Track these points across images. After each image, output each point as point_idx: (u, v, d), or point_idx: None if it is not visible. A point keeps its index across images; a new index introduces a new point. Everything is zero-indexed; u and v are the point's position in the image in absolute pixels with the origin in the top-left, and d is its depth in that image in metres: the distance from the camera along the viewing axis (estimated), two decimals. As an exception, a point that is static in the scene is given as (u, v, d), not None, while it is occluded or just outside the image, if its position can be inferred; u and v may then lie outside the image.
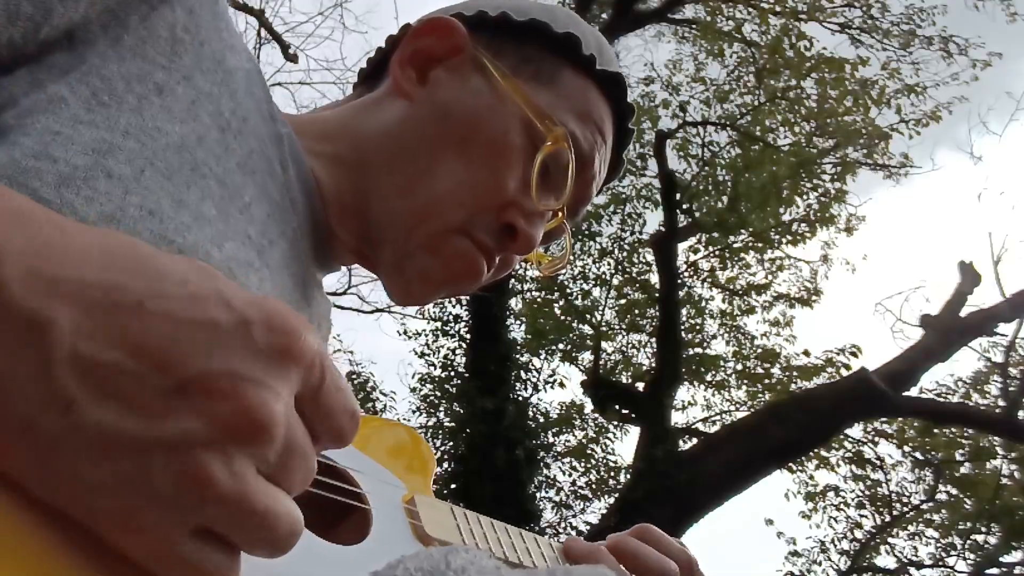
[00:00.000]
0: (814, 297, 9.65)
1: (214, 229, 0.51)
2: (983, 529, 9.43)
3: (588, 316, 9.63)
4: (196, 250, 0.49)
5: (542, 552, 0.75)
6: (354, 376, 9.56)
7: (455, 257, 0.68)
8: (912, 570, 9.79)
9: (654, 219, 9.64)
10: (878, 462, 9.63)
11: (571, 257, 0.85)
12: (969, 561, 9.59)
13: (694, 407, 9.95)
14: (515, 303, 9.54)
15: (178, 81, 0.53)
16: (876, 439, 9.53)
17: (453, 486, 7.70)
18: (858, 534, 9.90)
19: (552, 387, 9.11)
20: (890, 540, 9.99)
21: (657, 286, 8.63)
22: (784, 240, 9.33)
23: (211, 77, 0.56)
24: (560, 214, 0.73)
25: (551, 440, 9.25)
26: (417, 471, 0.70)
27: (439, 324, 9.46)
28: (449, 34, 0.72)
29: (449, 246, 0.68)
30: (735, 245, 9.55)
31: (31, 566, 0.29)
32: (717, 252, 9.68)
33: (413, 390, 9.49)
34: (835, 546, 9.89)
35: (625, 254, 9.66)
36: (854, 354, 8.65)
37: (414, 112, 0.70)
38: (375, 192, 0.69)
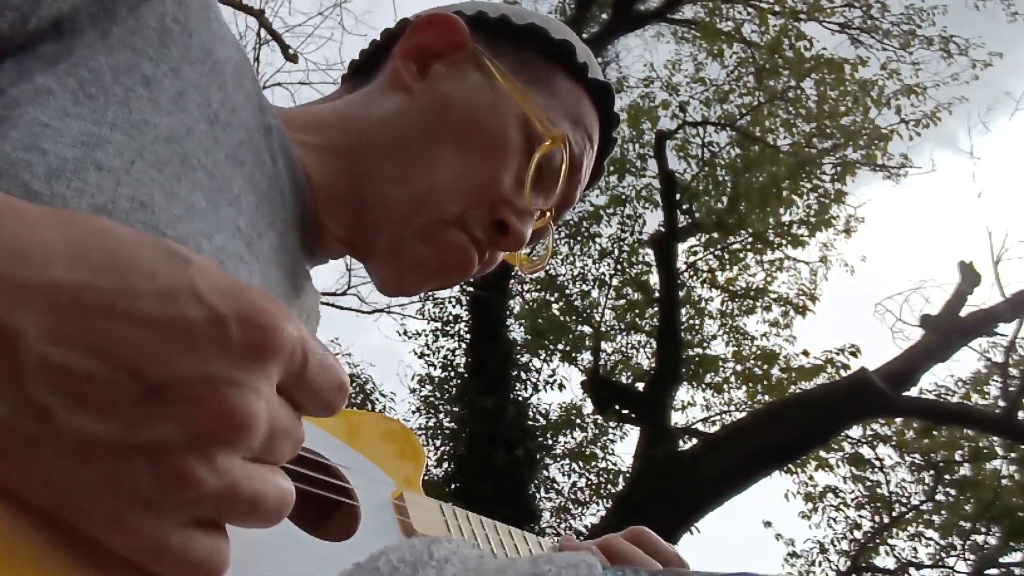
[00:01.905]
0: (810, 303, 9.64)
1: (204, 221, 0.51)
2: (983, 530, 9.43)
3: (588, 315, 9.63)
4: (187, 242, 0.48)
5: (530, 548, 0.75)
6: (354, 378, 9.57)
7: (450, 249, 0.69)
8: (912, 570, 9.79)
9: (654, 219, 9.66)
10: (877, 463, 9.64)
11: (551, 259, 0.86)
12: (969, 562, 9.60)
13: (694, 407, 9.97)
14: (515, 304, 9.55)
15: (166, 73, 0.53)
16: (875, 443, 9.53)
17: (453, 486, 7.71)
18: (857, 534, 9.91)
19: (552, 387, 9.14)
20: (890, 541, 9.99)
21: (656, 286, 8.63)
22: (784, 242, 9.33)
23: (199, 68, 0.56)
24: (548, 214, 0.75)
25: (551, 441, 9.25)
26: (407, 467, 0.70)
27: (439, 324, 9.48)
28: (452, 30, 0.72)
29: (445, 237, 0.69)
30: (734, 246, 9.55)
31: (22, 567, 0.29)
32: (717, 252, 9.68)
33: (413, 391, 9.51)
34: (834, 547, 9.90)
35: (625, 254, 9.66)
36: (853, 354, 8.65)
37: (414, 103, 0.70)
38: (370, 179, 0.69)
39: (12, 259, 0.29)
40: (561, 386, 9.24)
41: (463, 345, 9.07)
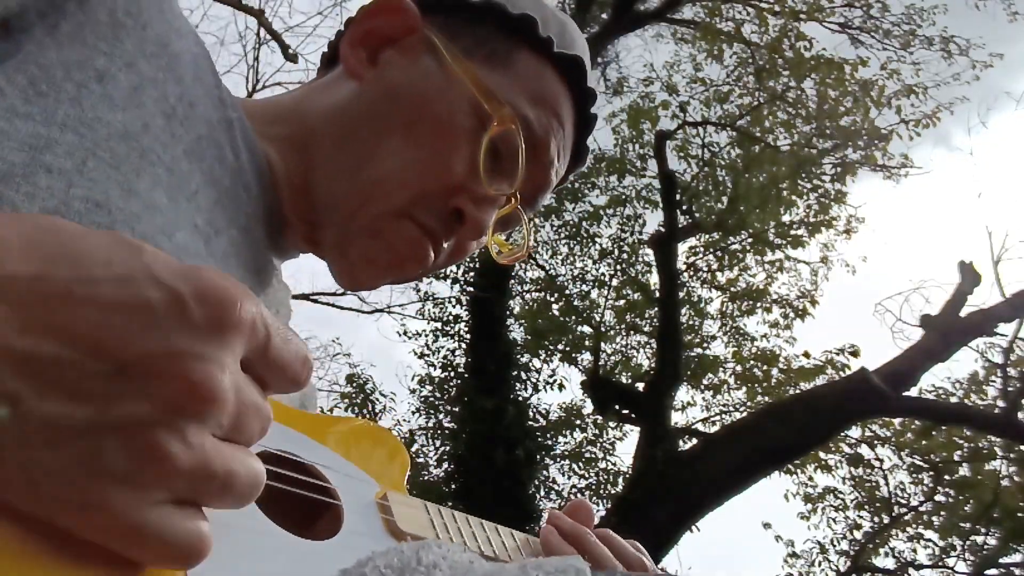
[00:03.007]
0: (809, 306, 9.63)
1: (165, 218, 0.50)
2: (983, 530, 9.42)
3: (588, 316, 9.63)
4: (148, 240, 0.47)
5: (519, 547, 0.73)
6: (354, 378, 9.57)
7: (399, 241, 0.67)
8: (912, 571, 9.78)
9: (654, 220, 9.66)
10: (877, 463, 9.63)
11: (532, 245, 0.83)
12: (969, 562, 9.59)
13: (694, 408, 9.97)
14: (515, 304, 9.55)
15: (120, 67, 0.52)
16: (874, 443, 9.53)
17: (453, 486, 7.71)
18: (857, 535, 9.91)
19: (552, 388, 9.13)
20: (890, 542, 9.99)
21: (656, 287, 8.63)
22: (784, 242, 9.33)
23: (155, 62, 0.54)
24: (514, 200, 0.71)
25: (551, 442, 9.25)
26: (391, 471, 0.68)
27: (439, 325, 9.47)
28: (400, 14, 0.70)
29: (392, 229, 0.67)
30: (734, 247, 9.55)
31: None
32: (717, 253, 9.68)
33: (413, 391, 9.51)
34: (834, 547, 9.90)
35: (625, 255, 9.66)
36: (853, 354, 8.65)
37: (362, 92, 0.69)
38: (320, 173, 0.68)
39: None
40: (561, 386, 9.24)
41: (463, 345, 9.06)
